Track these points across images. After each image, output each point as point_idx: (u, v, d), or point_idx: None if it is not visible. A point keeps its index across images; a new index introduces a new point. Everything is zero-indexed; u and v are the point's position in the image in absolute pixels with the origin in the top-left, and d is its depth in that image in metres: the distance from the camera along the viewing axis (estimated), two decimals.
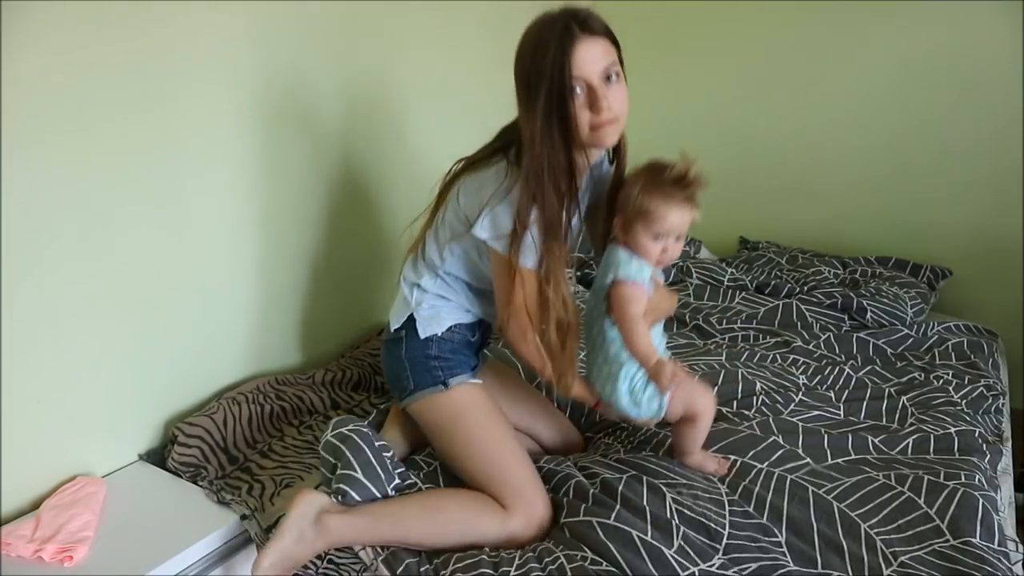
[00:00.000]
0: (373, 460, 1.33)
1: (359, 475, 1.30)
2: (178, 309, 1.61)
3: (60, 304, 1.39)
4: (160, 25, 1.47)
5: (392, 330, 1.45)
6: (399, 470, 1.38)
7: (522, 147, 1.26)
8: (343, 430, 1.36)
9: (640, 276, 1.29)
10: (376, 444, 1.36)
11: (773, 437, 1.48)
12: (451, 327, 1.41)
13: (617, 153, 1.41)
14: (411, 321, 1.42)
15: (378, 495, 1.31)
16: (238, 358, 1.78)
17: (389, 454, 1.38)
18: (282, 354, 1.89)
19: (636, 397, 1.33)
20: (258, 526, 1.38)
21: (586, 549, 1.21)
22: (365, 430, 1.36)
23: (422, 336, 1.40)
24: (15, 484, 1.37)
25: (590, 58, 1.20)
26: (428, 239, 1.44)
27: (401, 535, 1.27)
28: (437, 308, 1.42)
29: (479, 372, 1.48)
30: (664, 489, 1.31)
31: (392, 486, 1.34)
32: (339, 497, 1.29)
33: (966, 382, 1.75)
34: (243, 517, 1.38)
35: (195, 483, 1.48)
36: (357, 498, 1.29)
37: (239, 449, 1.61)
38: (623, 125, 1.29)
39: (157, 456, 1.58)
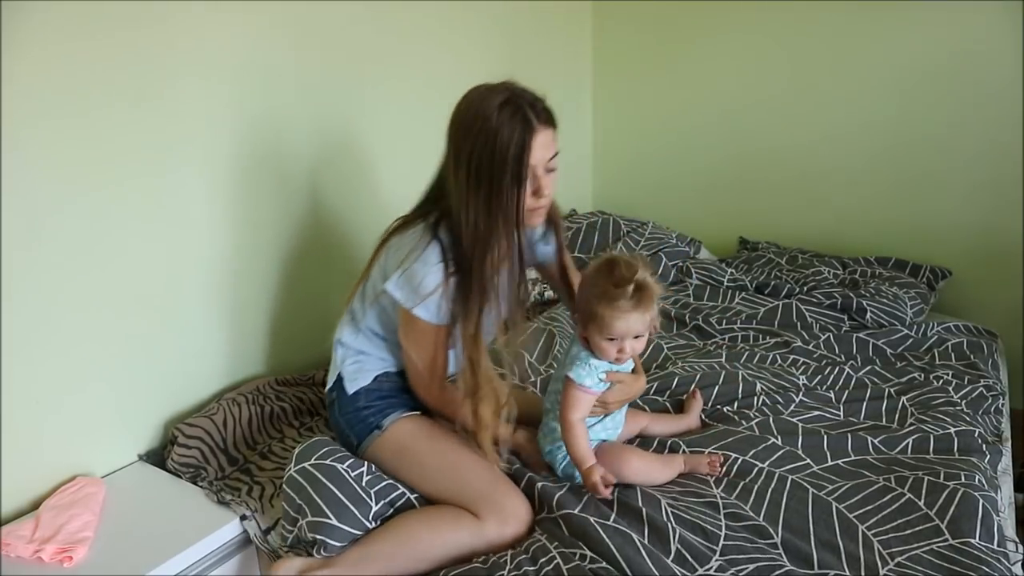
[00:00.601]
0: (343, 497, 1.27)
1: (332, 520, 1.25)
2: (177, 310, 1.61)
3: (59, 305, 1.39)
4: (158, 27, 1.48)
5: (327, 392, 1.51)
6: (379, 486, 1.33)
7: (451, 215, 1.29)
8: (306, 466, 1.32)
9: (589, 379, 1.32)
10: (344, 473, 1.31)
11: (772, 438, 1.48)
12: (377, 377, 1.45)
13: (555, 226, 1.53)
14: (340, 380, 1.46)
15: (358, 533, 1.27)
16: (237, 358, 1.78)
17: (363, 473, 1.33)
18: (281, 355, 1.90)
19: (563, 466, 1.38)
20: (257, 527, 1.38)
21: (584, 546, 1.20)
22: (329, 462, 1.32)
23: (350, 392, 1.44)
24: (15, 484, 1.37)
25: (542, 148, 1.25)
26: (357, 295, 1.47)
27: (384, 572, 1.24)
28: (360, 362, 1.46)
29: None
30: (659, 496, 1.31)
31: (373, 513, 1.30)
32: (321, 551, 1.25)
33: (966, 382, 1.75)
34: (243, 518, 1.38)
35: (195, 484, 1.48)
36: (337, 544, 1.26)
37: (239, 450, 1.61)
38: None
39: (157, 456, 1.58)
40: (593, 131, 3.09)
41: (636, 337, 1.30)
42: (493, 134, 1.20)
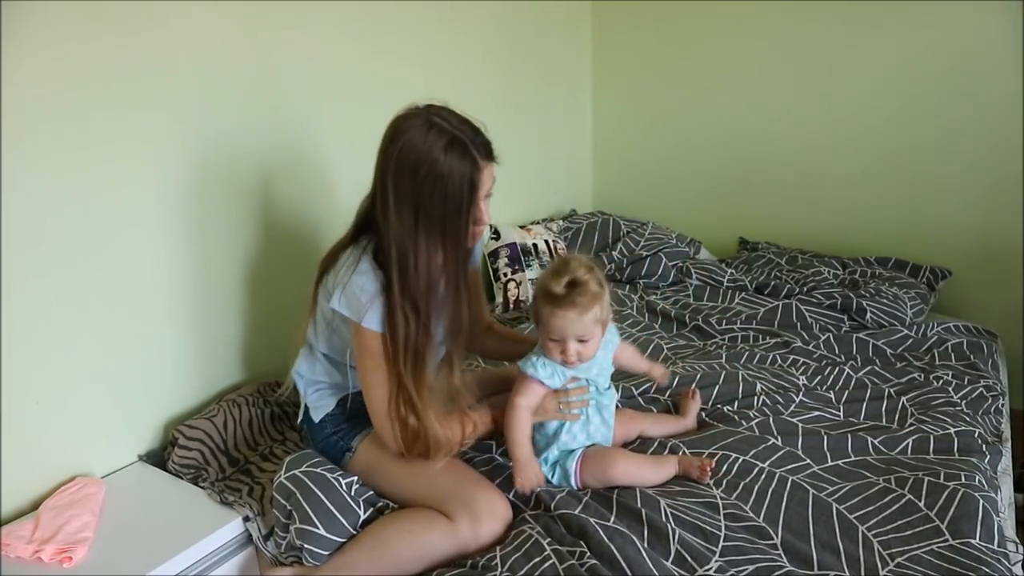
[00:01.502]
0: (331, 506, 1.28)
1: (319, 529, 1.26)
2: (177, 311, 1.61)
3: (59, 305, 1.39)
4: (158, 30, 1.48)
5: (299, 424, 1.52)
6: (368, 494, 1.35)
7: (381, 244, 1.28)
8: (297, 472, 1.32)
9: (536, 373, 1.35)
10: (333, 481, 1.32)
11: (772, 438, 1.49)
12: (339, 401, 1.46)
13: None
14: (306, 411, 1.48)
15: (343, 541, 1.28)
16: (238, 360, 1.78)
17: (352, 482, 1.35)
18: (282, 356, 1.89)
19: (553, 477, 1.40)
20: (258, 529, 1.38)
21: (582, 544, 1.20)
22: (319, 471, 1.33)
23: (316, 421, 1.45)
24: (15, 484, 1.37)
25: (487, 183, 1.27)
26: (310, 326, 1.45)
27: None
28: (321, 390, 1.47)
29: None
30: (658, 497, 1.31)
31: (361, 521, 1.31)
32: (308, 558, 1.27)
33: (966, 383, 1.75)
34: (246, 519, 1.38)
35: (196, 484, 1.48)
36: (323, 552, 1.27)
37: (240, 451, 1.61)
38: None
39: (157, 457, 1.58)
40: (593, 131, 3.09)
41: (582, 341, 1.31)
42: (443, 178, 1.20)
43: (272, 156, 1.78)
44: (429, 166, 1.19)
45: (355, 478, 1.37)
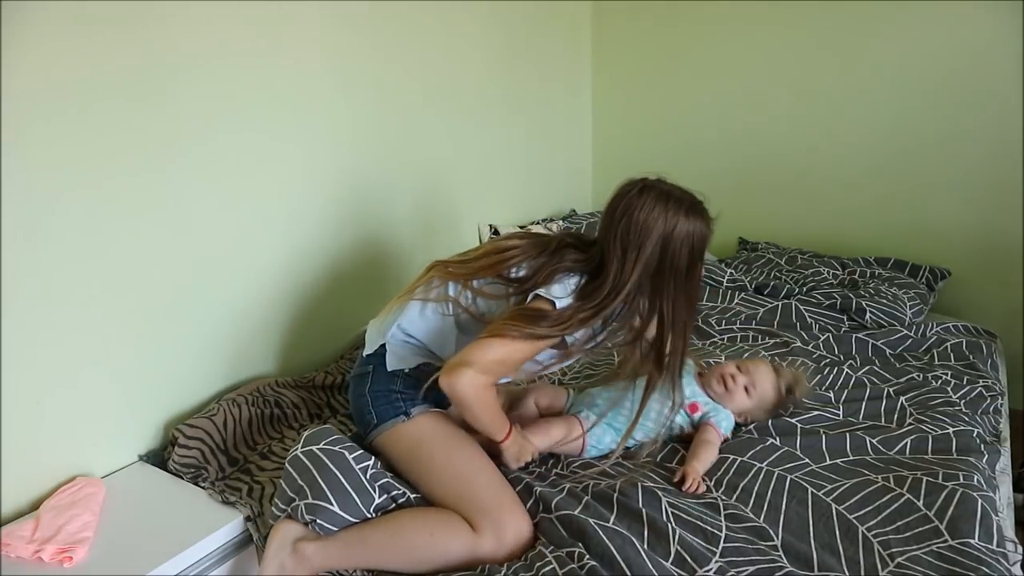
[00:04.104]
0: (347, 485, 1.27)
1: (333, 507, 1.25)
2: (178, 311, 1.61)
3: (60, 305, 1.39)
4: (159, 27, 1.48)
5: (364, 356, 1.48)
6: (382, 480, 1.32)
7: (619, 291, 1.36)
8: (314, 448, 1.30)
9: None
10: (351, 462, 1.30)
11: (772, 438, 1.49)
12: (420, 365, 1.44)
13: None
14: (382, 352, 1.44)
15: (354, 521, 1.28)
16: (238, 360, 1.78)
17: (368, 466, 1.32)
18: (282, 357, 1.90)
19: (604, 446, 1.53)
20: (257, 530, 1.38)
21: (580, 546, 1.20)
22: (337, 449, 1.30)
23: (389, 368, 1.42)
24: (15, 484, 1.37)
25: None
26: (455, 287, 1.44)
27: (372, 561, 1.25)
28: (411, 344, 1.46)
29: None
30: (660, 495, 1.31)
31: (375, 505, 1.29)
32: (316, 529, 1.27)
33: (964, 383, 1.76)
34: (248, 519, 1.38)
35: (196, 484, 1.48)
36: (333, 528, 1.26)
37: (239, 451, 1.61)
38: None
39: (157, 457, 1.58)
40: (593, 131, 3.09)
41: None
42: (700, 238, 1.39)
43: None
44: (687, 231, 1.37)
45: (371, 463, 1.32)
